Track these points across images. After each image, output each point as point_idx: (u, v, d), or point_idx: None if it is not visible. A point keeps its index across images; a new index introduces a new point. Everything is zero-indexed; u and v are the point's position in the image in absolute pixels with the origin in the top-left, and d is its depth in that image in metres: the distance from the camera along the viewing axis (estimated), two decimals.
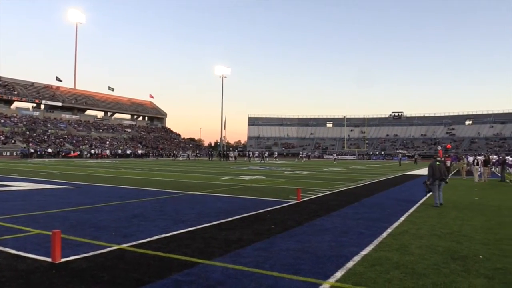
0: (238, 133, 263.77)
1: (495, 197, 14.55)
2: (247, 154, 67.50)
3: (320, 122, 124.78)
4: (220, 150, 76.58)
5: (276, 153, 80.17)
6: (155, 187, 16.04)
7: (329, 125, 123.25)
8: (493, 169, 31.12)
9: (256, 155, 60.54)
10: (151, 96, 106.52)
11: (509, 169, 25.97)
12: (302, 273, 4.96)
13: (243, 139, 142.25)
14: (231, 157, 59.18)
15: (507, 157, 28.29)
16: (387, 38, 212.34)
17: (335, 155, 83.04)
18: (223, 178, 21.56)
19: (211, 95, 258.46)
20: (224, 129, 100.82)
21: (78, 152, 64.15)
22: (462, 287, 4.56)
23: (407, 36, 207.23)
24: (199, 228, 7.72)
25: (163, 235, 6.99)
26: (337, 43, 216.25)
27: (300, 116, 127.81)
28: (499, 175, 27.10)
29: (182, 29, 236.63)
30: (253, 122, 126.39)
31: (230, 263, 5.32)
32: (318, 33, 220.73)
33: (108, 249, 6.00)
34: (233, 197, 13.13)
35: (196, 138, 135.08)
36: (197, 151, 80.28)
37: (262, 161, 54.31)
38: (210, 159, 63.88)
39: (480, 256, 5.95)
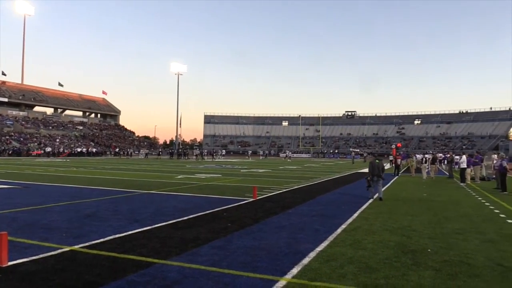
0: (194, 131, 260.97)
1: (442, 193, 15.21)
2: (200, 153, 66.18)
3: (276, 120, 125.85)
4: (176, 148, 75.67)
5: (224, 151, 79.13)
6: (108, 186, 15.62)
7: (285, 123, 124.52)
8: (439, 166, 32.56)
9: (205, 153, 59.69)
10: (104, 93, 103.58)
11: (456, 166, 27.23)
12: (259, 271, 4.99)
13: (199, 137, 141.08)
14: (195, 155, 58.20)
15: (455, 156, 29.61)
16: (340, 40, 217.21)
17: (289, 152, 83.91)
18: (179, 177, 21.31)
19: (167, 92, 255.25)
20: (180, 127, 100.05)
21: (42, 151, 61.28)
22: (412, 279, 4.75)
23: (358, 39, 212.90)
24: (154, 228, 7.59)
25: (117, 235, 6.82)
26: (291, 42, 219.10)
27: (256, 115, 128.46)
28: (446, 172, 28.39)
29: (137, 25, 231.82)
30: (209, 120, 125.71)
31: (186, 262, 5.27)
32: (273, 31, 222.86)
33: (59, 250, 5.78)
34: (189, 195, 13.01)
35: (151, 136, 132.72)
36: (160, 150, 78.39)
37: (213, 159, 54.28)
38: (170, 157, 62.57)
39: (428, 250, 6.21)
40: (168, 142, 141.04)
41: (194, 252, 5.84)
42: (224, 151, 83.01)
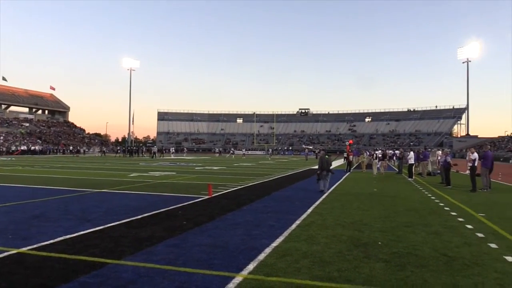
0: (147, 128, 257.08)
1: (392, 188, 15.79)
2: (159, 150, 64.49)
3: (230, 117, 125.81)
4: (128, 146, 73.86)
5: (173, 149, 77.46)
6: (58, 185, 15.07)
7: (240, 120, 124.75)
8: (389, 162, 33.74)
9: (152, 151, 58.20)
10: (52, 88, 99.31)
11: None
12: (215, 268, 5.00)
13: (153, 134, 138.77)
14: (153, 153, 56.65)
15: (406, 153, 30.74)
16: (293, 38, 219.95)
17: (244, 150, 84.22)
18: (132, 175, 20.88)
19: (119, 88, 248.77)
20: (132, 124, 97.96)
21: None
22: (363, 271, 4.92)
23: (310, 38, 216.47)
24: (107, 227, 7.41)
25: (68, 236, 6.61)
26: (246, 40, 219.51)
27: (211, 112, 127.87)
28: (395, 168, 29.44)
29: (88, 19, 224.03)
30: (162, 117, 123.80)
31: (141, 262, 5.20)
32: (228, 29, 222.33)
33: (5, 253, 5.53)
34: (143, 194, 12.79)
35: (102, 133, 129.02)
36: (118, 148, 75.66)
37: (161, 156, 53.51)
38: (127, 155, 60.46)
39: (379, 243, 6.45)
40: (120, 140, 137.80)
41: (149, 251, 5.76)
42: (173, 149, 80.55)
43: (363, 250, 5.95)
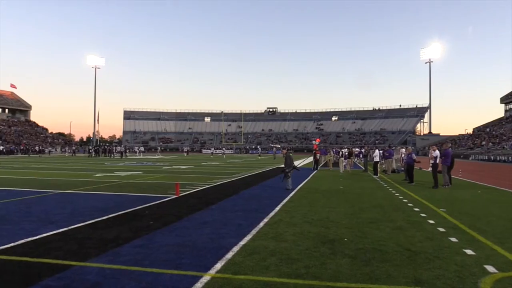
0: (113, 127, 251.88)
1: (358, 186, 16.08)
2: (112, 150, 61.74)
3: (198, 116, 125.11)
4: (93, 146, 72.14)
5: (139, 148, 75.72)
6: (19, 186, 14.57)
7: (207, 119, 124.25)
8: (355, 160, 34.36)
9: (118, 150, 56.66)
10: (13, 86, 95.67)
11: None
12: (183, 267, 4.97)
13: (118, 133, 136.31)
14: (118, 152, 55.35)
15: (371, 151, 31.37)
16: (260, 38, 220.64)
17: (212, 149, 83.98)
18: (97, 175, 20.44)
19: (83, 87, 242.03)
20: (98, 123, 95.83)
21: None
22: (330, 267, 5.01)
23: (279, 38, 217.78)
24: (71, 229, 7.24)
25: (30, 239, 6.41)
26: (214, 38, 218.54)
27: (178, 111, 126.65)
28: (361, 166, 30.00)
29: (51, 14, 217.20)
30: (129, 116, 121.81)
31: (107, 263, 5.11)
32: (196, 27, 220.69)
33: None
34: (109, 194, 12.55)
35: (66, 133, 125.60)
36: (90, 147, 73.06)
37: (124, 156, 52.57)
38: (96, 155, 58.72)
39: (345, 239, 6.57)
40: (85, 139, 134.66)
41: (114, 252, 5.67)
42: (137, 148, 78.33)
43: (329, 247, 6.04)
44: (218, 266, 5.02)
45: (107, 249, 5.79)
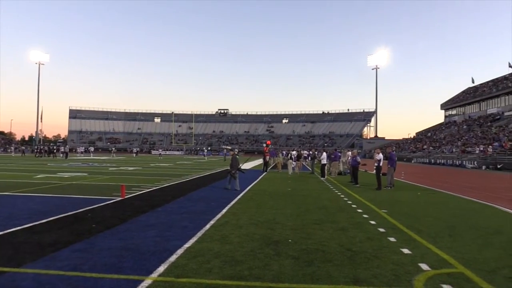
0: (57, 126, 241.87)
1: (305, 188, 16.38)
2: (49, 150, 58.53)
3: (148, 117, 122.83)
4: (36, 145, 68.89)
5: (83, 148, 72.92)
6: None
7: (157, 120, 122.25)
8: (304, 162, 34.98)
9: (62, 150, 54.17)
10: None
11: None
12: (125, 271, 4.86)
13: (63, 133, 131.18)
14: (62, 152, 52.97)
15: (318, 153, 32.04)
16: (213, 40, 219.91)
17: (160, 150, 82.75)
18: (38, 176, 19.55)
19: (26, 83, 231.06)
20: (41, 121, 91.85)
21: None
22: (273, 268, 5.07)
23: (231, 40, 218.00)
24: (7, 233, 6.88)
25: None
26: (165, 39, 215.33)
27: (127, 110, 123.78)
28: (309, 168, 30.58)
29: None
30: (75, 115, 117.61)
31: (43, 269, 4.90)
32: (148, 27, 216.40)
33: None
34: (49, 196, 12.04)
35: (5, 132, 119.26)
36: (41, 147, 68.61)
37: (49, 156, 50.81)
38: (40, 155, 55.68)
39: (290, 240, 6.67)
40: (27, 138, 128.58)
41: (52, 257, 5.45)
42: (83, 148, 75.00)
43: (274, 248, 6.12)
44: (161, 269, 4.95)
45: (45, 254, 5.56)
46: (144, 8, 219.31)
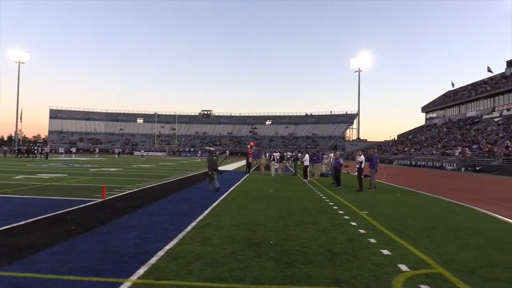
0: (38, 126, 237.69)
1: (287, 189, 16.42)
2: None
3: (130, 117, 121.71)
4: (15, 145, 67.65)
5: (63, 149, 71.21)
6: None
7: (140, 121, 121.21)
8: (287, 164, 35.09)
9: (44, 151, 52.83)
10: None
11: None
12: (104, 274, 4.81)
13: (44, 133, 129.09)
14: (44, 153, 51.99)
15: (300, 155, 32.13)
16: (196, 41, 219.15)
17: (142, 151, 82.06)
18: (17, 177, 19.20)
19: (5, 82, 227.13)
20: (21, 121, 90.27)
21: None
22: (254, 270, 5.08)
23: (213, 41, 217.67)
24: None
25: None
26: (146, 39, 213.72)
27: (109, 111, 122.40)
28: (292, 169, 30.68)
29: None
30: (55, 115, 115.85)
31: (20, 271, 4.81)
32: (128, 23, 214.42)
33: None
34: (28, 197, 11.83)
35: None
36: (18, 147, 66.58)
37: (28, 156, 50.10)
38: (21, 155, 54.42)
39: (271, 242, 6.68)
40: (5, 139, 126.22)
41: (30, 259, 5.36)
42: (64, 149, 73.20)
43: (255, 250, 6.12)
44: (141, 271, 4.91)
45: (22, 257, 5.46)
46: (124, 6, 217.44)
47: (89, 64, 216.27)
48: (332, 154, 23.95)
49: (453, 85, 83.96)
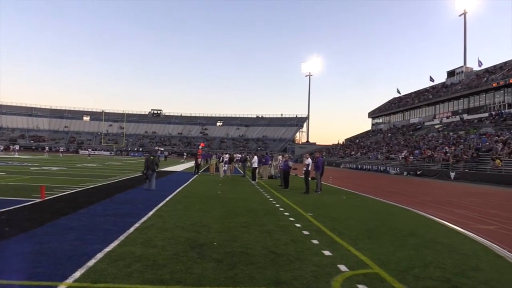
0: None
1: (235, 191, 16.45)
2: None
3: (76, 115, 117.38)
4: None
5: (2, 146, 66.82)
6: None
7: (86, 118, 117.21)
8: (236, 165, 35.16)
9: None
10: None
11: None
12: (38, 277, 4.60)
13: None
14: None
15: (249, 156, 32.25)
16: (147, 40, 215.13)
17: (89, 150, 79.56)
18: None
19: None
20: None
21: None
22: (195, 272, 5.03)
23: (166, 41, 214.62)
24: None
25: None
26: (97, 34, 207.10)
27: (54, 107, 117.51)
28: (241, 171, 30.76)
29: None
30: None
31: None
32: (75, 17, 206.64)
33: None
34: None
35: None
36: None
37: None
38: None
39: (215, 243, 6.66)
40: None
41: None
42: (17, 146, 69.80)
43: (198, 251, 6.08)
44: (77, 274, 4.74)
45: None
46: (81, 4, 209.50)
47: (31, 57, 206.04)
48: (281, 157, 24.24)
49: (398, 92, 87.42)
